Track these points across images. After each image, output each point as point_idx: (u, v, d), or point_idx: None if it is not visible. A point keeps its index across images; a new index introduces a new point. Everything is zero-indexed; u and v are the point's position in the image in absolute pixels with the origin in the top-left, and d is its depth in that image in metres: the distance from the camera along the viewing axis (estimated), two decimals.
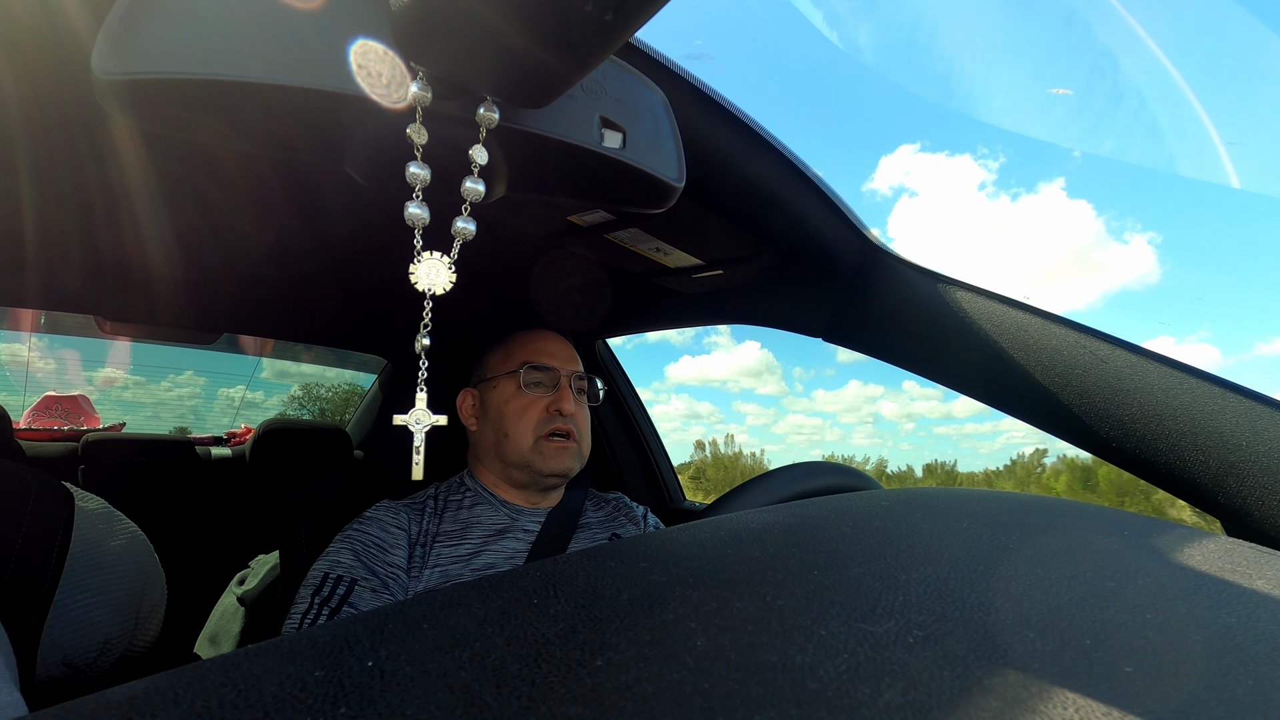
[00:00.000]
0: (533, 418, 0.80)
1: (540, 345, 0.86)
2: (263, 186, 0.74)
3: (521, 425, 0.80)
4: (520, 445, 0.79)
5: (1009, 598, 0.23)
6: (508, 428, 0.80)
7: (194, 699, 0.16)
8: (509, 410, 0.81)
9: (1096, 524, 0.34)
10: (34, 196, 0.75)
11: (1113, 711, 0.17)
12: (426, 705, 0.16)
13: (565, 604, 0.21)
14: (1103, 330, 0.59)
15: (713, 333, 44.37)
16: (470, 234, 0.33)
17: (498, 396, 0.83)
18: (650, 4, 0.24)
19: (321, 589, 0.67)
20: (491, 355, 0.88)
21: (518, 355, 0.85)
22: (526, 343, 0.86)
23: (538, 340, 0.87)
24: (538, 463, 0.79)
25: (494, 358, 0.87)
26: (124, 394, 3.12)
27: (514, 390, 0.82)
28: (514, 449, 0.80)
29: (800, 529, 0.30)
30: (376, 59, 0.27)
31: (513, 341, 0.87)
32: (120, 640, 0.57)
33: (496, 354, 0.87)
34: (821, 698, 0.17)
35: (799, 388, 44.07)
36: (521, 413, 0.80)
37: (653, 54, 0.50)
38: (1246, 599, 0.25)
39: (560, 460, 0.80)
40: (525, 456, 0.79)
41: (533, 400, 0.81)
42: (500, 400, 0.83)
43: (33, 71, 0.51)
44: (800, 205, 0.68)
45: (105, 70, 0.25)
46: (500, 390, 0.83)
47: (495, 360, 0.86)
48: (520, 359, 0.84)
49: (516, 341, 0.87)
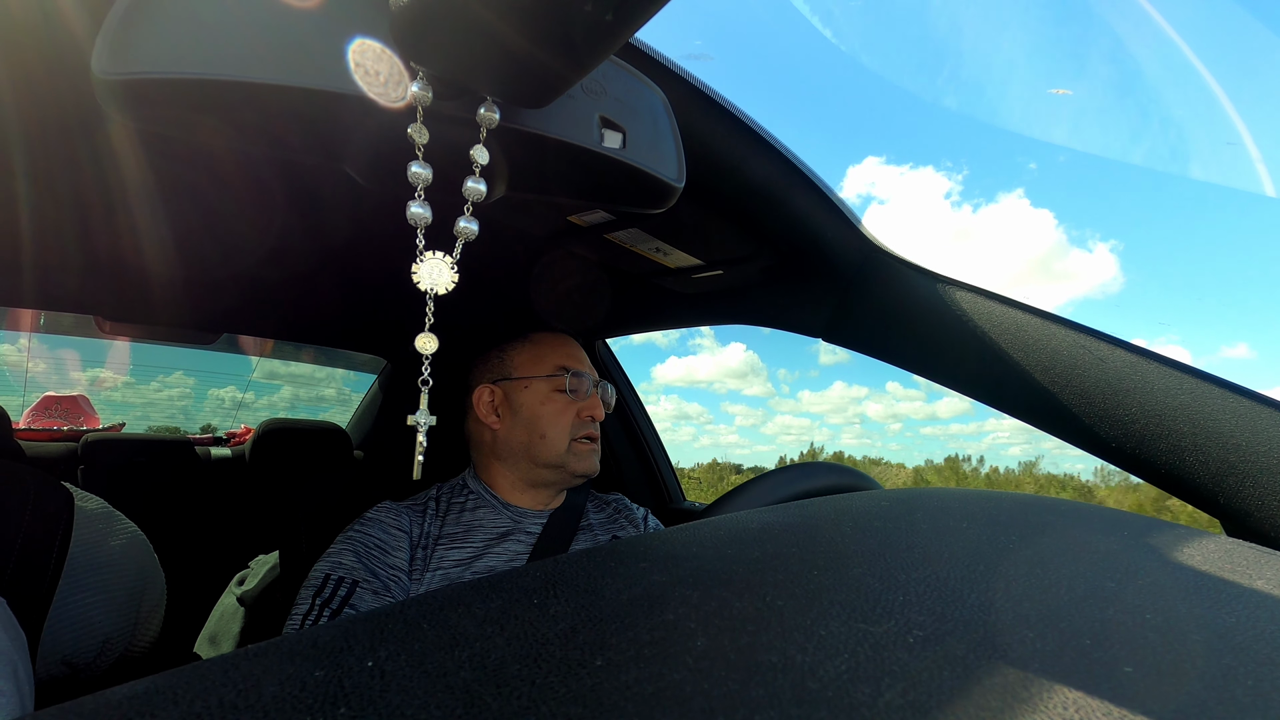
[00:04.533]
0: (568, 421, 0.83)
1: (571, 350, 0.89)
2: (262, 186, 0.74)
3: (558, 428, 0.82)
4: (557, 447, 0.82)
5: (1009, 598, 0.23)
6: (545, 429, 0.82)
7: (194, 699, 0.16)
8: (545, 412, 0.83)
9: (1096, 524, 0.34)
10: (34, 196, 0.75)
11: (1113, 711, 0.17)
12: (427, 705, 0.16)
13: (565, 604, 0.21)
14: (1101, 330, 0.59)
15: (697, 334, 44.34)
16: (473, 234, 0.33)
17: (531, 397, 0.84)
18: (650, 4, 0.24)
19: (323, 590, 0.67)
20: (516, 354, 0.88)
21: (550, 359, 0.86)
22: (558, 346, 0.88)
23: (567, 345, 0.89)
24: (572, 464, 0.82)
25: (521, 357, 0.87)
26: (114, 394, 3.11)
27: (549, 393, 0.84)
28: (550, 450, 0.82)
29: (800, 529, 0.30)
30: (376, 59, 0.27)
31: (541, 343, 0.88)
32: (120, 640, 0.57)
33: (523, 353, 0.88)
34: (822, 698, 0.17)
35: (785, 389, 43.96)
36: (558, 415, 0.83)
37: (653, 54, 0.50)
38: (1246, 599, 0.25)
39: (591, 461, 0.84)
40: (561, 458, 0.82)
41: (567, 404, 0.84)
42: (535, 401, 0.84)
43: (32, 72, 0.51)
44: (800, 205, 0.68)
45: (104, 70, 0.25)
46: (534, 391, 0.84)
47: (523, 360, 0.87)
48: (555, 363, 0.86)
49: (546, 344, 0.88)
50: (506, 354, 0.88)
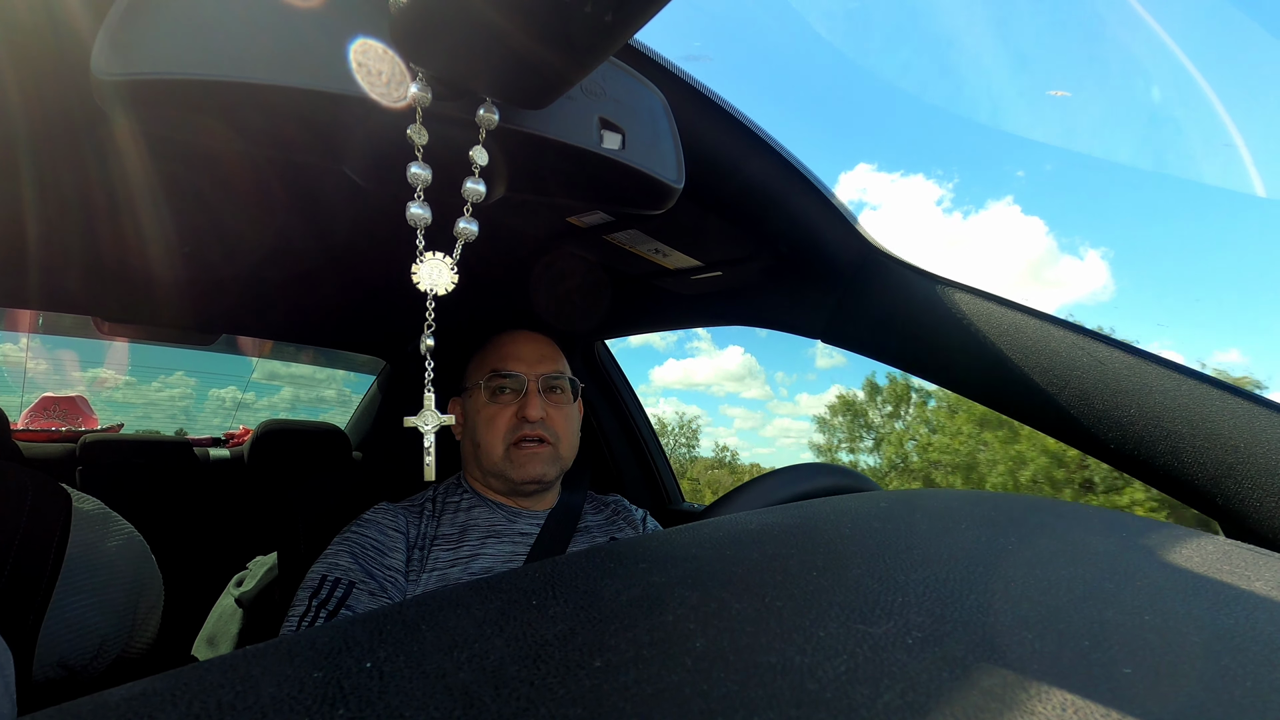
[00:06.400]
0: (501, 426, 0.79)
1: (508, 350, 0.84)
2: (262, 187, 0.74)
3: (491, 435, 0.79)
4: (492, 455, 0.79)
5: (1008, 599, 0.23)
6: (479, 437, 0.80)
7: (192, 700, 0.15)
8: (479, 420, 0.81)
9: (1094, 525, 0.34)
10: (33, 197, 0.74)
11: (1111, 713, 0.17)
12: (425, 706, 0.16)
13: (564, 605, 0.21)
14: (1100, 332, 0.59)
15: (694, 337, 44.10)
16: (472, 235, 0.33)
17: (472, 406, 0.83)
18: (650, 5, 0.24)
19: (319, 591, 0.67)
20: (471, 362, 0.87)
21: (488, 362, 0.84)
22: (495, 348, 0.85)
23: (505, 344, 0.85)
24: (510, 471, 0.78)
25: (471, 365, 0.87)
26: (114, 395, 3.11)
27: (484, 400, 0.81)
28: (487, 458, 0.80)
29: (799, 530, 0.30)
30: (376, 59, 0.27)
31: (487, 347, 0.86)
32: (117, 641, 0.57)
33: (474, 361, 0.87)
34: (820, 699, 0.17)
35: (783, 392, 43.45)
36: (490, 422, 0.80)
37: (652, 55, 0.50)
38: (1244, 600, 0.25)
39: (532, 466, 0.78)
40: (498, 465, 0.79)
41: (500, 408, 0.80)
42: (474, 410, 0.82)
43: (33, 72, 0.51)
44: (799, 206, 0.68)
45: (104, 71, 0.25)
46: (474, 399, 0.83)
47: (472, 368, 0.86)
48: (489, 366, 0.83)
49: (489, 347, 0.86)
50: (467, 364, 0.88)
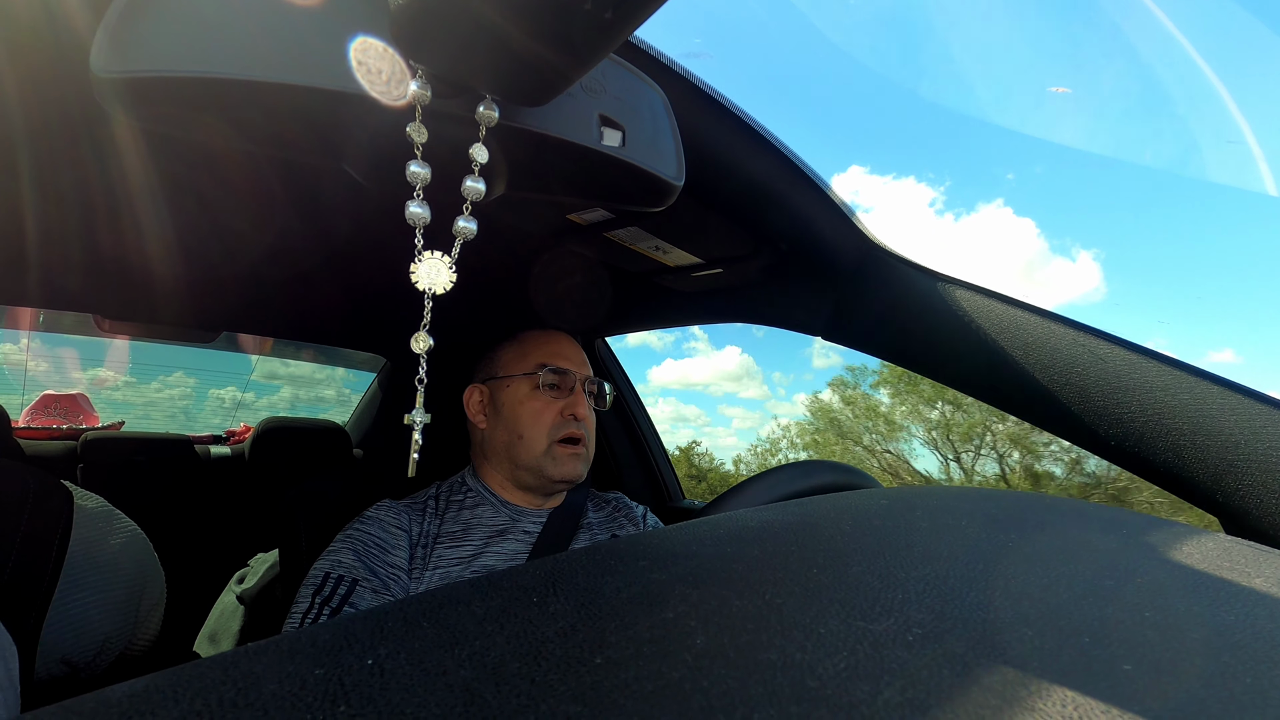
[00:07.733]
0: (547, 421, 0.80)
1: (556, 347, 0.85)
2: (263, 185, 0.74)
3: (536, 428, 0.80)
4: (534, 448, 0.79)
5: (1008, 596, 0.23)
6: (522, 429, 0.80)
7: (194, 697, 0.16)
8: (524, 412, 0.81)
9: (1095, 522, 0.34)
10: (34, 195, 0.74)
11: (1111, 709, 0.17)
12: (426, 703, 0.16)
13: (565, 602, 0.21)
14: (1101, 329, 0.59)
15: (692, 337, 43.35)
16: (472, 233, 0.33)
17: (511, 396, 0.83)
18: (649, 2, 0.24)
19: (322, 589, 0.67)
20: (503, 353, 0.87)
21: (533, 356, 0.84)
22: (542, 343, 0.86)
23: (553, 342, 0.86)
24: (549, 468, 0.79)
25: (506, 355, 0.86)
26: (114, 394, 3.11)
27: (529, 392, 0.82)
28: (527, 452, 0.79)
29: (799, 527, 0.30)
30: (376, 57, 0.27)
31: (527, 341, 0.87)
32: (119, 639, 0.57)
33: (509, 352, 0.86)
34: (821, 696, 0.17)
35: (781, 392, 42.20)
36: (537, 415, 0.80)
37: (652, 52, 0.50)
38: (1245, 597, 0.25)
39: (571, 466, 0.80)
40: (538, 460, 0.79)
41: (547, 403, 0.81)
42: (514, 400, 0.82)
43: (33, 70, 0.51)
44: (799, 203, 0.68)
45: (104, 69, 0.25)
46: (514, 390, 0.83)
47: (508, 358, 0.86)
48: (536, 360, 0.83)
49: (531, 341, 0.86)
50: (496, 353, 0.88)
